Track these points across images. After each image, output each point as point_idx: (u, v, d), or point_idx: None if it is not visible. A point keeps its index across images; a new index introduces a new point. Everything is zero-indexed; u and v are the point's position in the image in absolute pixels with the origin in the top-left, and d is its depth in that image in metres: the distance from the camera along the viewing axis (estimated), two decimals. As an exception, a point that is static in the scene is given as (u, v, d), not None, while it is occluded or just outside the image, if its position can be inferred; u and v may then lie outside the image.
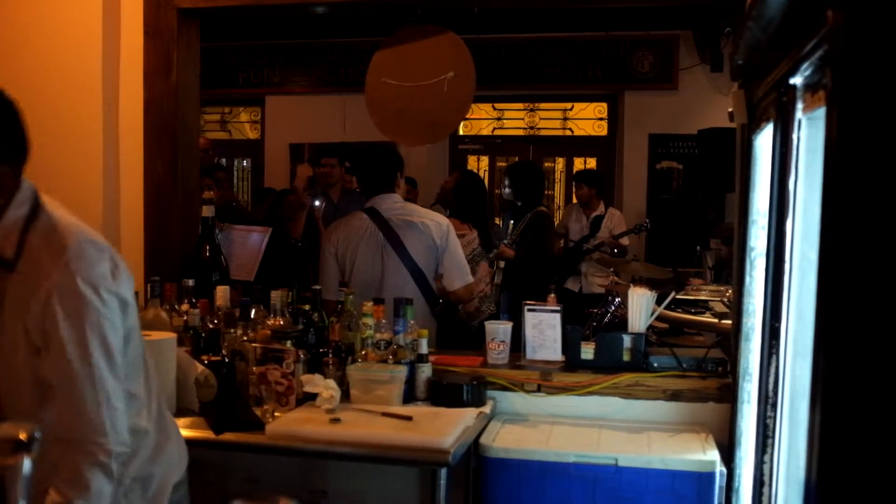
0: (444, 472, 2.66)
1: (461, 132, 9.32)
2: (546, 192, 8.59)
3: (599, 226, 7.18)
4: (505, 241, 5.86)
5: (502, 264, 5.78)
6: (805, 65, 1.73)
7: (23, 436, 1.12)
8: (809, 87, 1.77)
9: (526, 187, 6.16)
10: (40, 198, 1.97)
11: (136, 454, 2.04)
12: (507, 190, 6.28)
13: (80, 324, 1.85)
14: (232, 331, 3.16)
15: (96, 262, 1.90)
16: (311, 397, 2.98)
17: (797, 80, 1.87)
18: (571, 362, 3.38)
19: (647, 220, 7.16)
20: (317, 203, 5.96)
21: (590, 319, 4.94)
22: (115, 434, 1.90)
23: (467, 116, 8.72)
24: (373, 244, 3.91)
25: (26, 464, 1.08)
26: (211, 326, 3.19)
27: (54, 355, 1.86)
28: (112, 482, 1.90)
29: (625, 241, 6.98)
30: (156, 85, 3.75)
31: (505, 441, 3.00)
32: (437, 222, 3.99)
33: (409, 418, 2.87)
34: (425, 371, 3.16)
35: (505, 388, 3.32)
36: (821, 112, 1.58)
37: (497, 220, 8.44)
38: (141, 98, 3.76)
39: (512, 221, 6.12)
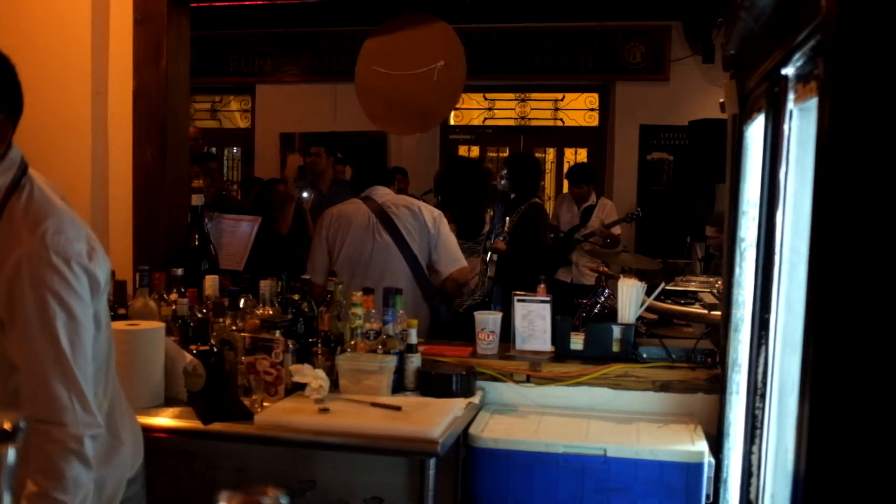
0: (432, 462, 2.66)
1: (452, 122, 9.31)
2: (538, 183, 8.57)
3: (590, 216, 7.18)
4: (499, 236, 5.85)
5: (495, 257, 5.78)
6: (797, 55, 1.72)
7: (7, 426, 1.10)
8: (801, 77, 1.76)
9: (524, 179, 6.16)
10: (28, 170, 1.96)
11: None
12: (503, 181, 6.28)
13: (45, 295, 1.81)
14: (221, 320, 3.15)
15: (73, 240, 1.88)
16: (300, 387, 2.97)
17: (789, 71, 1.87)
18: (561, 353, 3.38)
19: (639, 209, 7.16)
20: (304, 195, 5.94)
21: (579, 310, 4.94)
22: (84, 415, 1.85)
23: (458, 106, 8.71)
24: (364, 223, 4.01)
25: (11, 454, 1.06)
26: (200, 316, 3.18)
27: (18, 330, 1.82)
28: (88, 467, 1.85)
29: (616, 230, 6.98)
30: (145, 73, 3.72)
31: (494, 431, 3.00)
32: (429, 209, 4.12)
33: (398, 408, 2.86)
34: (414, 361, 3.16)
35: (494, 379, 3.32)
36: (812, 103, 1.58)
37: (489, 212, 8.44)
38: (130, 86, 3.73)
39: (506, 216, 6.10)
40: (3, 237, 1.86)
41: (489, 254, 5.77)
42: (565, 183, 9.13)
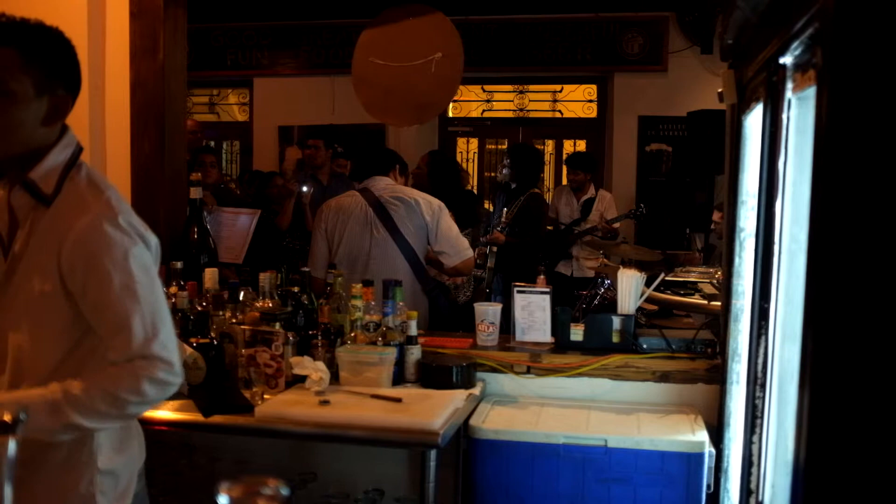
0: (433, 453, 2.67)
1: (450, 114, 9.29)
2: (537, 175, 8.56)
3: (590, 209, 7.16)
4: (498, 228, 5.86)
5: (495, 248, 5.79)
6: (795, 44, 1.72)
7: (7, 417, 1.11)
8: (799, 66, 1.76)
9: (525, 169, 6.16)
10: (81, 154, 2.04)
11: (102, 445, 2.01)
12: (505, 171, 6.27)
13: (119, 253, 1.89)
14: (220, 313, 3.14)
15: (130, 212, 1.99)
16: (301, 380, 2.98)
17: (787, 60, 1.87)
18: (561, 344, 3.38)
19: (643, 206, 7.12)
20: (304, 189, 5.94)
21: (579, 301, 4.95)
22: (173, 352, 1.92)
23: (456, 98, 8.69)
24: (362, 219, 3.99)
25: (11, 446, 1.07)
26: (199, 309, 3.17)
27: (95, 288, 1.88)
28: (144, 404, 1.90)
29: (616, 224, 6.98)
30: (142, 66, 3.71)
31: (494, 423, 3.00)
32: (428, 201, 4.06)
33: (398, 400, 2.87)
34: (415, 353, 3.16)
35: (494, 370, 3.33)
36: (811, 92, 1.58)
37: (486, 204, 8.44)
38: (127, 79, 3.72)
39: (504, 206, 6.11)
40: (67, 207, 1.93)
41: (488, 245, 5.78)
42: (564, 175, 9.14)
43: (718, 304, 3.36)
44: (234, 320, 3.12)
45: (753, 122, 2.56)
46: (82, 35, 3.61)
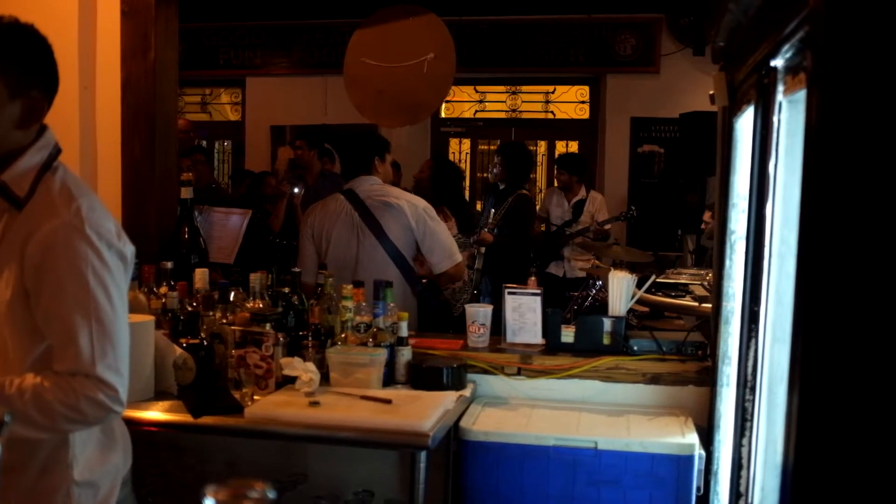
0: (423, 455, 2.66)
1: (443, 114, 9.30)
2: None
3: (581, 210, 7.16)
4: (485, 228, 5.85)
5: (483, 249, 5.78)
6: (786, 46, 1.72)
7: (-8, 420, 1.10)
8: (790, 69, 1.76)
9: (516, 169, 6.15)
10: (58, 156, 2.01)
11: (78, 456, 1.98)
12: (496, 170, 6.25)
13: (79, 263, 1.84)
14: (211, 313, 3.13)
15: (104, 218, 1.93)
16: (291, 380, 2.97)
17: (778, 63, 1.87)
18: (552, 345, 3.38)
19: (634, 208, 7.11)
20: (296, 190, 5.94)
21: (570, 303, 4.95)
22: (119, 377, 1.86)
23: (449, 99, 8.70)
24: (348, 225, 3.94)
25: (-4, 448, 1.06)
26: (189, 309, 3.16)
27: (49, 296, 1.84)
28: (84, 422, 1.86)
29: (607, 226, 6.98)
30: (133, 65, 3.70)
31: (485, 424, 3.00)
32: (413, 203, 3.99)
33: (388, 401, 2.86)
34: (405, 354, 3.15)
35: (485, 372, 3.32)
36: (801, 94, 1.58)
37: (478, 205, 8.44)
38: (118, 78, 3.71)
39: (493, 207, 6.10)
40: (37, 209, 1.89)
41: (477, 246, 5.78)
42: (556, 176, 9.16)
43: (709, 306, 3.37)
44: (224, 321, 3.11)
45: (744, 124, 2.56)
46: (73, 34, 3.60)
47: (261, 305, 3.17)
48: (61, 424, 1.84)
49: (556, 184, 7.75)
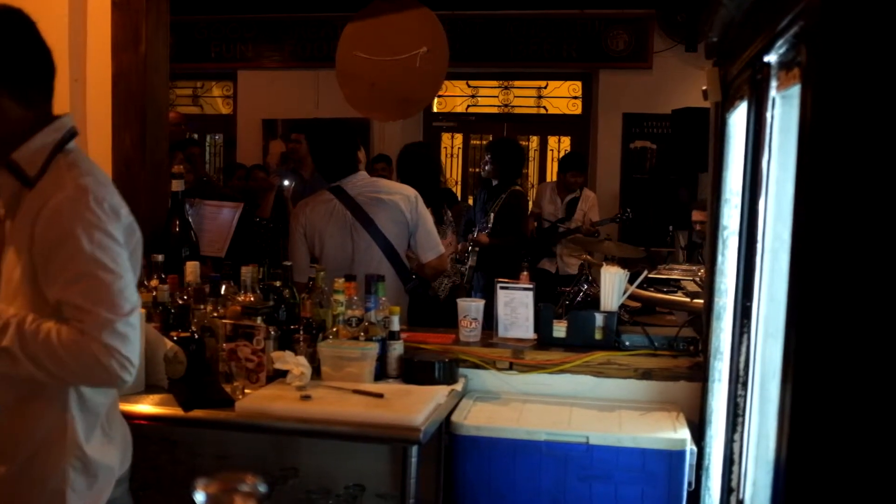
0: (415, 449, 2.66)
1: (435, 109, 9.28)
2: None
3: (575, 208, 7.15)
4: (484, 231, 5.83)
5: (477, 248, 5.78)
6: (780, 42, 1.72)
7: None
8: (784, 64, 1.76)
9: (507, 165, 6.11)
10: (74, 140, 2.04)
11: (79, 441, 1.99)
12: (487, 167, 6.23)
13: (82, 231, 1.87)
14: (202, 307, 3.12)
15: (111, 195, 1.97)
16: (282, 374, 2.96)
17: (772, 58, 1.87)
18: (543, 340, 3.38)
19: (629, 210, 7.08)
20: (286, 182, 5.92)
21: (562, 298, 4.94)
22: (130, 345, 1.87)
23: (441, 93, 8.69)
24: (341, 224, 3.87)
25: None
26: (180, 302, 3.16)
27: (57, 266, 1.87)
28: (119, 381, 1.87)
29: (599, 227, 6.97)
30: (124, 58, 3.68)
31: (476, 419, 2.99)
32: (405, 195, 3.95)
33: (380, 396, 2.86)
34: (397, 348, 3.15)
35: (477, 366, 3.32)
36: (795, 90, 1.58)
37: (469, 200, 8.44)
38: (109, 71, 3.69)
39: (486, 203, 6.08)
40: (47, 187, 1.92)
41: (470, 245, 5.77)
42: (549, 171, 9.14)
43: (701, 301, 3.37)
44: (215, 314, 3.10)
45: (737, 120, 2.57)
46: (63, 26, 3.57)
47: (252, 299, 3.16)
48: (63, 374, 1.87)
49: (548, 178, 7.72)
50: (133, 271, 2.00)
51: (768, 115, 1.97)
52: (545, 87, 9.20)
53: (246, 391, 2.89)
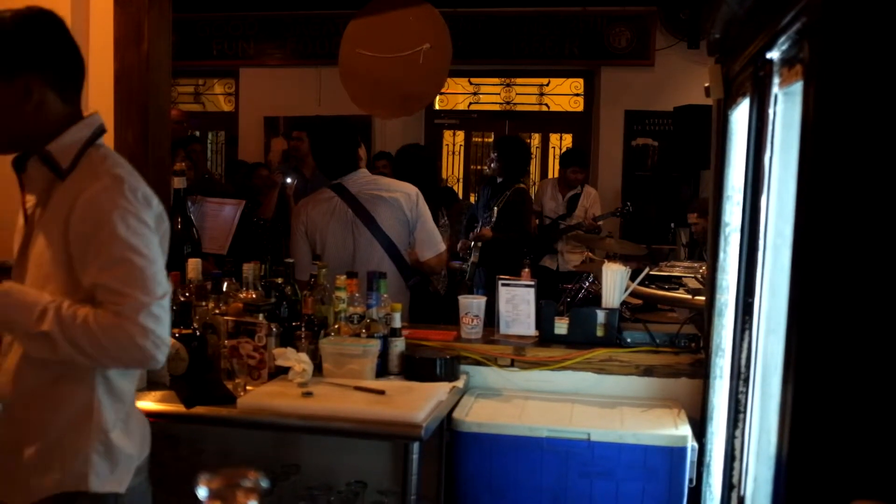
0: (416, 446, 2.66)
1: (437, 106, 9.28)
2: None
3: (576, 205, 7.15)
4: (487, 225, 5.82)
5: (479, 243, 5.77)
6: (782, 38, 1.72)
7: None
8: (786, 61, 1.76)
9: (513, 162, 6.10)
10: (102, 135, 2.14)
11: (103, 425, 2.03)
12: (493, 164, 6.22)
13: (118, 217, 1.94)
14: (203, 304, 3.13)
15: (142, 184, 2.06)
16: (284, 371, 2.96)
17: (774, 55, 1.87)
18: (545, 337, 3.38)
19: (629, 204, 7.06)
20: (288, 180, 5.92)
21: (564, 295, 4.94)
22: (163, 327, 1.95)
23: (443, 90, 8.67)
24: (343, 222, 3.88)
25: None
26: (182, 299, 3.16)
27: (92, 253, 1.93)
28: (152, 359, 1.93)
29: (600, 221, 6.96)
30: (126, 55, 3.68)
31: (478, 415, 3.00)
32: (406, 193, 3.95)
33: (381, 392, 2.86)
34: (398, 345, 3.15)
35: (478, 363, 3.32)
36: (797, 87, 1.58)
37: (471, 197, 8.43)
38: (111, 68, 3.69)
39: (490, 200, 6.07)
40: (81, 178, 2.00)
41: (474, 241, 5.77)
42: (550, 168, 9.13)
43: (702, 298, 3.37)
44: (217, 311, 3.11)
45: (740, 116, 2.56)
46: (65, 23, 3.57)
47: (254, 296, 3.16)
48: (104, 359, 1.94)
49: (550, 175, 7.69)
50: (163, 257, 2.07)
51: (770, 111, 1.97)
52: (547, 85, 9.19)
53: (248, 388, 2.90)
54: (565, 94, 9.18)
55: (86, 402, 2.02)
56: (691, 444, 2.85)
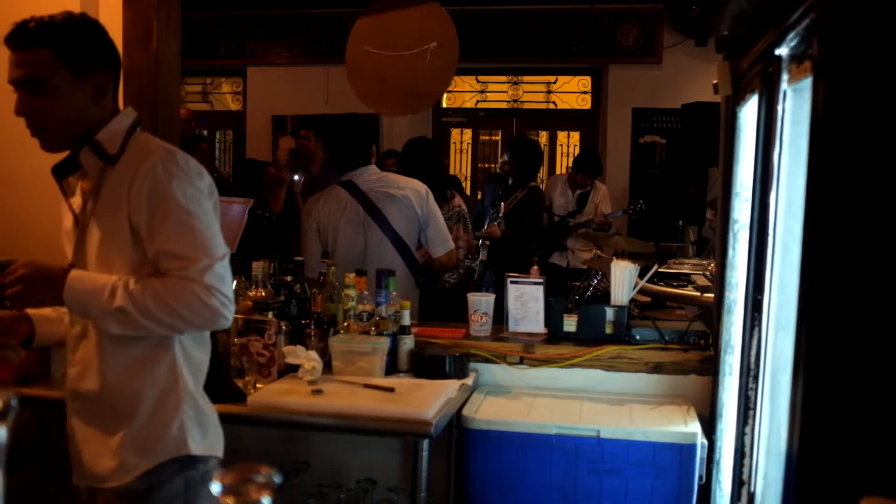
0: (426, 443, 2.66)
1: (444, 104, 9.27)
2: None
3: (586, 201, 7.13)
4: (496, 222, 5.82)
5: (488, 241, 5.77)
6: (791, 35, 1.72)
7: (-1, 405, 1.10)
8: (795, 57, 1.76)
9: (525, 164, 6.10)
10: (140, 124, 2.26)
11: (192, 397, 2.17)
12: (506, 166, 6.21)
13: (182, 190, 2.07)
14: (213, 302, 3.13)
15: (190, 157, 2.18)
16: (293, 369, 2.97)
17: (783, 51, 1.86)
18: (554, 335, 3.38)
19: (642, 202, 7.01)
20: (296, 178, 5.93)
21: (573, 292, 4.94)
22: (228, 287, 2.07)
23: (450, 88, 8.68)
24: (354, 219, 3.88)
25: (2, 432, 1.06)
26: (192, 298, 3.16)
27: (158, 221, 2.05)
28: (183, 322, 2.04)
29: (611, 219, 6.94)
30: (135, 54, 3.69)
31: (487, 413, 3.00)
32: (416, 190, 3.95)
33: (391, 390, 2.86)
34: (408, 343, 3.16)
35: (487, 361, 3.33)
36: (806, 83, 1.58)
37: (478, 195, 8.42)
38: (120, 68, 3.70)
39: (499, 198, 6.06)
40: (132, 159, 2.12)
41: (482, 239, 5.76)
42: (558, 166, 9.12)
43: (711, 295, 3.37)
44: (226, 309, 3.11)
45: (748, 113, 2.56)
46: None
47: (263, 294, 3.17)
48: (173, 320, 2.03)
49: (558, 172, 7.66)
50: (217, 223, 2.17)
51: (779, 108, 1.97)
52: (554, 83, 9.19)
53: (257, 385, 2.91)
54: (573, 91, 9.17)
55: (170, 370, 2.13)
56: (701, 440, 2.85)
